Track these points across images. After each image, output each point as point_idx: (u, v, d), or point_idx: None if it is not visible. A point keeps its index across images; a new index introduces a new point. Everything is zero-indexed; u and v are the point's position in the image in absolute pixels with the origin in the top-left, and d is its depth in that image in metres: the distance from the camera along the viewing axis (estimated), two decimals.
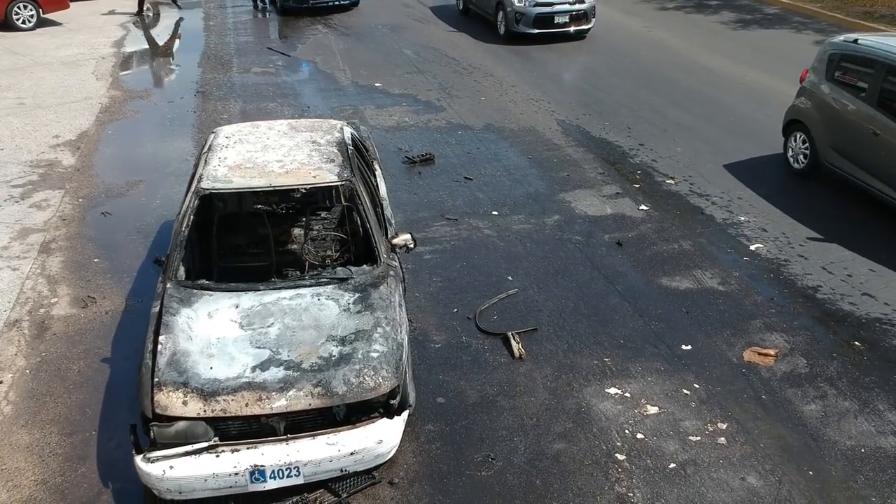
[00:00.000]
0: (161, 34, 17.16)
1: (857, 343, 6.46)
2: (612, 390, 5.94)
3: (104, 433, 5.57)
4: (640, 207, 8.81)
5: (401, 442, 5.19)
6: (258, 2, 19.09)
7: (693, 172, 9.66)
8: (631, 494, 5.01)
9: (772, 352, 6.34)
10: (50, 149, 10.53)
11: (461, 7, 17.62)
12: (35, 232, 8.33)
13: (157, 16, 18.67)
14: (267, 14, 18.65)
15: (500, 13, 15.51)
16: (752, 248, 7.93)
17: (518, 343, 6.44)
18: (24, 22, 16.51)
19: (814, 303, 7.02)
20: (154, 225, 8.50)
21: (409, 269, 7.20)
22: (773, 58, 14.20)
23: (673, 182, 9.43)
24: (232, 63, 14.64)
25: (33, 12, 16.56)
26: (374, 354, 5.11)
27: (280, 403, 4.85)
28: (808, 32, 16.05)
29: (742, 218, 8.52)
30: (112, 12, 18.28)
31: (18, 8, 16.38)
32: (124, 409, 5.71)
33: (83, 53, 15.12)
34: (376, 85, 13.21)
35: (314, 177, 6.26)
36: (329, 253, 6.49)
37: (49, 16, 17.04)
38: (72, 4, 17.51)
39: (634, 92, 12.55)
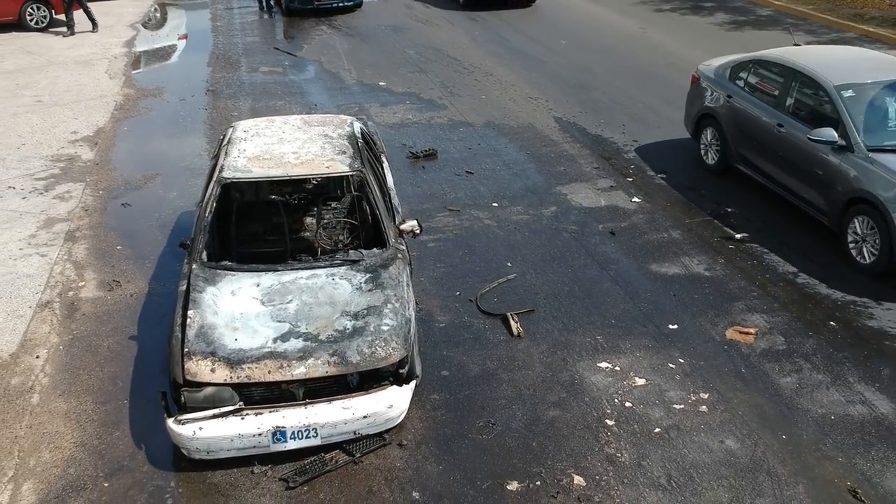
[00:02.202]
0: (169, 35, 17.64)
1: (832, 323, 6.94)
2: (604, 364, 6.42)
3: (135, 402, 6.05)
4: (633, 199, 9.29)
5: (409, 409, 5.68)
6: (263, 3, 19.56)
7: (684, 167, 10.13)
8: (619, 455, 5.49)
9: (752, 330, 6.82)
10: (69, 144, 11.01)
11: (714, 158, 9.75)
12: (60, 221, 8.80)
13: (163, 17, 19.16)
14: (272, 15, 19.12)
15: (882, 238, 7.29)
16: (738, 236, 8.41)
17: (516, 322, 6.91)
18: (37, 22, 16.99)
19: (794, 287, 7.49)
20: (172, 215, 8.97)
21: (415, 256, 7.67)
22: None
23: (664, 176, 9.90)
24: (240, 62, 15.12)
25: (46, 13, 17.03)
26: (385, 328, 5.59)
27: (299, 371, 5.33)
28: (799, 34, 16.48)
29: (729, 209, 9.00)
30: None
31: (32, 9, 16.86)
32: (153, 380, 6.19)
33: (96, 53, 15.60)
34: (380, 84, 13.69)
35: (327, 167, 6.74)
36: (341, 238, 6.98)
37: (61, 16, 17.47)
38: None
39: (629, 91, 13.02)
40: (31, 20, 16.89)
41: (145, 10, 19.52)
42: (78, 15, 16.86)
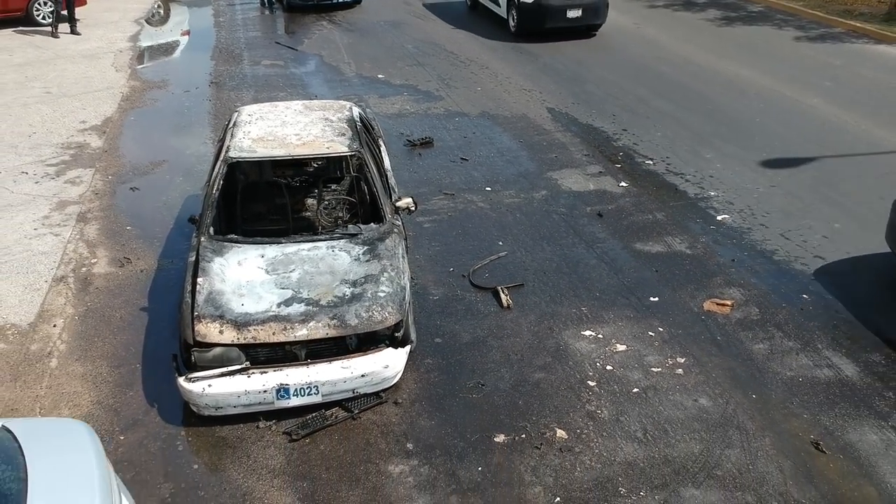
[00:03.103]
0: (172, 30, 18.04)
1: (804, 296, 7.34)
2: (587, 332, 6.82)
3: (147, 365, 6.45)
4: (620, 184, 9.69)
5: (404, 372, 6.09)
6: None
7: (670, 154, 10.53)
8: (599, 412, 5.89)
9: (728, 302, 7.22)
10: (78, 132, 11.40)
11: None
12: (72, 204, 9.20)
13: (166, 14, 19.57)
14: (273, 11, 19.51)
15: None
16: (719, 218, 8.81)
17: (506, 295, 7.31)
18: (44, 17, 17.37)
19: (770, 263, 7.89)
20: (179, 199, 9.36)
21: (411, 236, 8.04)
22: (754, 53, 15.11)
23: (651, 163, 10.30)
24: (242, 56, 15.52)
25: (53, 8, 17.38)
26: (381, 294, 5.99)
27: (302, 332, 5.72)
28: (788, 29, 16.95)
29: (712, 193, 9.40)
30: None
31: (39, 4, 17.24)
32: (163, 346, 6.58)
33: (101, 47, 15.99)
34: (379, 76, 14.08)
35: (328, 148, 7.14)
36: (340, 215, 7.38)
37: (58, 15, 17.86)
38: (88, 1, 18.35)
39: (621, 83, 13.42)
40: (38, 15, 17.28)
41: (149, 6, 19.90)
42: (97, 6, 17.15)
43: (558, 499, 5.14)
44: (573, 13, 15.78)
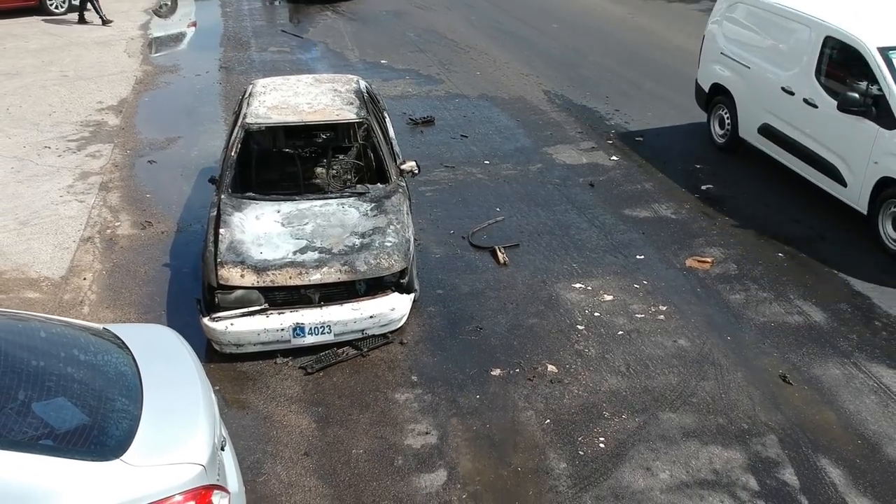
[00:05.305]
0: (181, 20, 18.60)
1: (780, 254, 7.90)
2: (577, 285, 7.38)
3: (171, 313, 7.00)
4: (612, 158, 10.25)
5: (408, 318, 6.64)
6: None
7: (660, 132, 11.09)
8: (587, 351, 6.45)
9: (709, 259, 7.78)
10: (96, 112, 11.95)
11: None
12: (94, 175, 9.75)
13: (174, 3, 20.11)
14: (278, 2, 20.05)
15: None
16: (704, 187, 9.37)
17: (503, 254, 7.87)
18: (56, 7, 17.92)
19: (750, 226, 8.45)
20: (194, 171, 9.90)
21: (414, 203, 8.55)
22: None
23: (641, 139, 10.86)
24: (250, 43, 16.05)
25: None
26: (388, 244, 6.55)
27: (316, 277, 6.28)
28: None
29: (698, 166, 9.96)
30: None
31: None
32: (185, 296, 7.13)
33: (114, 35, 16.54)
34: (382, 62, 14.64)
35: (337, 115, 7.70)
36: (349, 177, 7.93)
37: (78, 2, 18.39)
38: None
39: (615, 68, 13.97)
40: (51, 5, 17.82)
41: None
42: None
43: (548, 420, 5.70)
44: None
